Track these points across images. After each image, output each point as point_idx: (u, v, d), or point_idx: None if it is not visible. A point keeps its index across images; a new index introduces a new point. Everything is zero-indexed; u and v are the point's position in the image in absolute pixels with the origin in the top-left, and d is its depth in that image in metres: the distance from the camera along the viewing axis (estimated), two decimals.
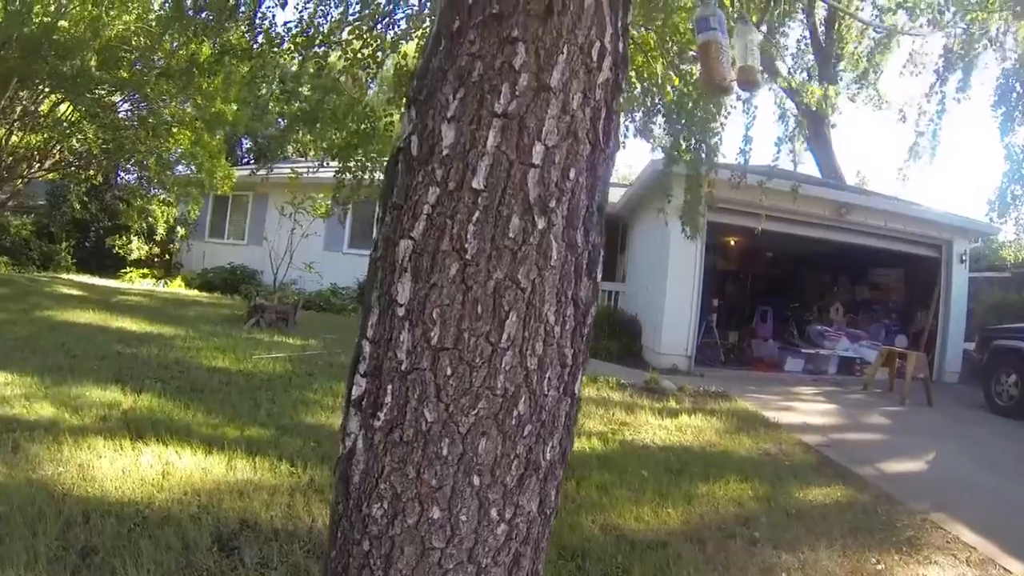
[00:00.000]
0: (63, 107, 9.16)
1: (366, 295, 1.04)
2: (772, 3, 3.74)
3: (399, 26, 4.43)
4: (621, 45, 1.10)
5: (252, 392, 4.68)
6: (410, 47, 4.92)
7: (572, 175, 1.01)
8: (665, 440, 4.58)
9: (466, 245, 0.93)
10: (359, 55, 4.65)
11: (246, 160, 17.06)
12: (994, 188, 9.04)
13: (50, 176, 11.22)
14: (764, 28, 4.46)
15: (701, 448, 4.52)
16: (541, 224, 0.97)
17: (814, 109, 5.00)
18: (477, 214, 0.93)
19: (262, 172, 8.07)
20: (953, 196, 39.27)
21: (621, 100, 1.13)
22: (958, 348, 8.97)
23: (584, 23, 1.04)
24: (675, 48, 4.63)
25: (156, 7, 8.36)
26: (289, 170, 7.67)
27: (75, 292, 9.37)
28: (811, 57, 12.31)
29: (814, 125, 10.05)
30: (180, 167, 10.69)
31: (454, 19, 1.05)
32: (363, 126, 5.11)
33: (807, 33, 12.32)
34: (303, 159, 6.54)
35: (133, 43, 9.01)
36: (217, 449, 3.45)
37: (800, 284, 10.83)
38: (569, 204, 1.01)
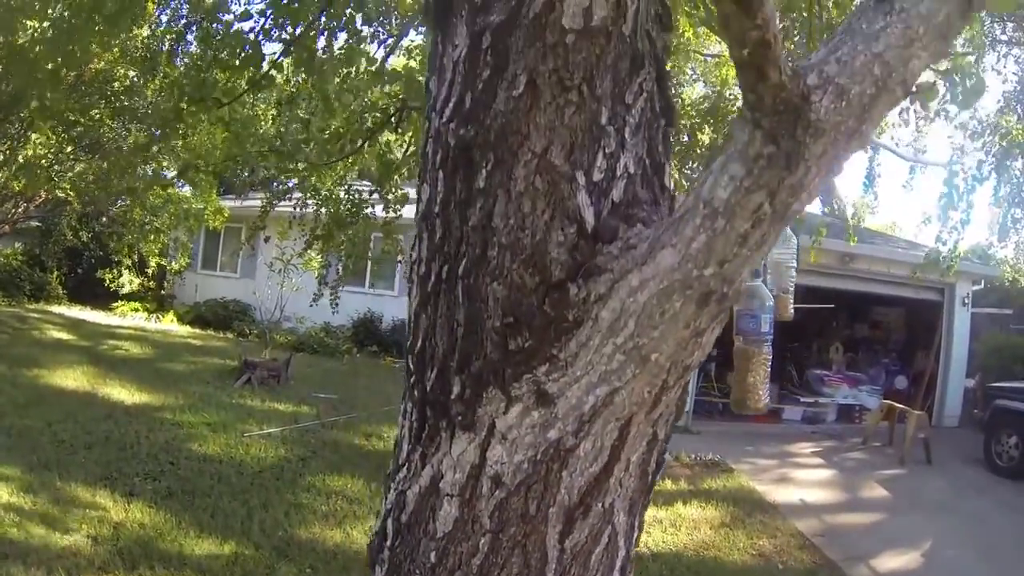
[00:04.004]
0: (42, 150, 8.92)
1: None
2: None
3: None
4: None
5: (244, 493, 4.61)
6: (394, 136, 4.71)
7: None
8: (659, 543, 4.52)
9: None
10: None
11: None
12: (994, 213, 8.99)
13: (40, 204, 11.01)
14: None
15: (695, 552, 4.47)
16: None
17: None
18: None
19: (253, 201, 7.88)
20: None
21: None
22: (958, 392, 8.93)
23: None
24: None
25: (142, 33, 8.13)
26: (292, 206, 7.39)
27: (64, 336, 9.24)
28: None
29: None
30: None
31: None
32: (343, 208, 4.94)
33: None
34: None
35: (119, 74, 8.76)
36: None
37: (799, 321, 10.73)
38: None
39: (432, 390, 0.81)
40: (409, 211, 4.72)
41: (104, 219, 12.18)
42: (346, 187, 4.98)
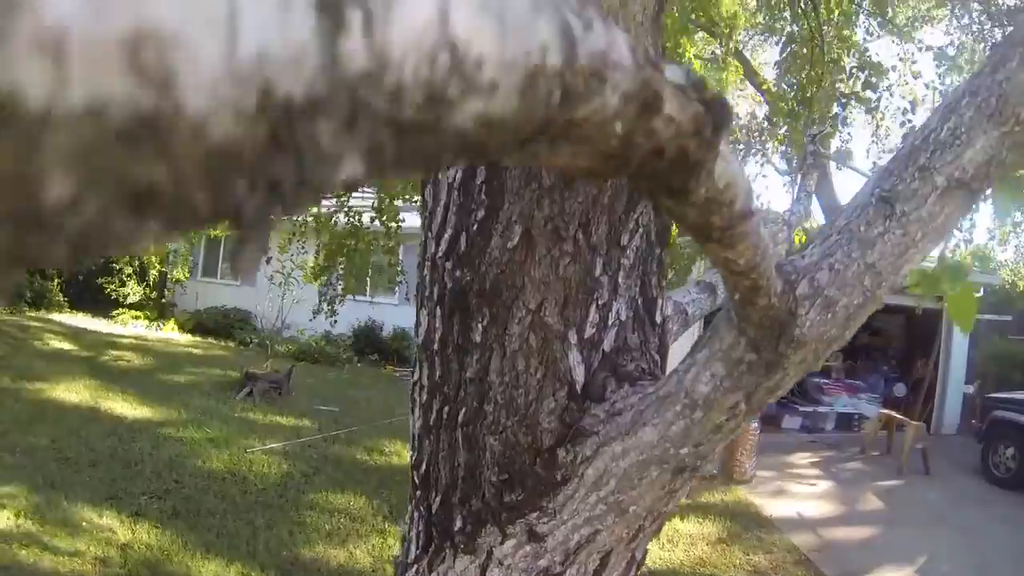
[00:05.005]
0: None
1: None
2: None
3: None
4: None
5: (248, 512, 4.67)
6: None
7: None
8: (655, 560, 4.58)
9: None
10: None
11: None
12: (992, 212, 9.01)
13: None
14: None
15: (691, 569, 4.54)
16: None
17: None
18: None
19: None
20: None
21: None
22: (957, 400, 8.98)
23: None
24: None
25: None
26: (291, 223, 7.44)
27: (66, 345, 9.29)
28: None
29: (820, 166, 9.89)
30: None
31: None
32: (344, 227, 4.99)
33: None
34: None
35: None
36: None
37: None
38: None
39: (437, 515, 0.86)
40: (410, 219, 4.77)
41: None
42: (346, 210, 5.02)
